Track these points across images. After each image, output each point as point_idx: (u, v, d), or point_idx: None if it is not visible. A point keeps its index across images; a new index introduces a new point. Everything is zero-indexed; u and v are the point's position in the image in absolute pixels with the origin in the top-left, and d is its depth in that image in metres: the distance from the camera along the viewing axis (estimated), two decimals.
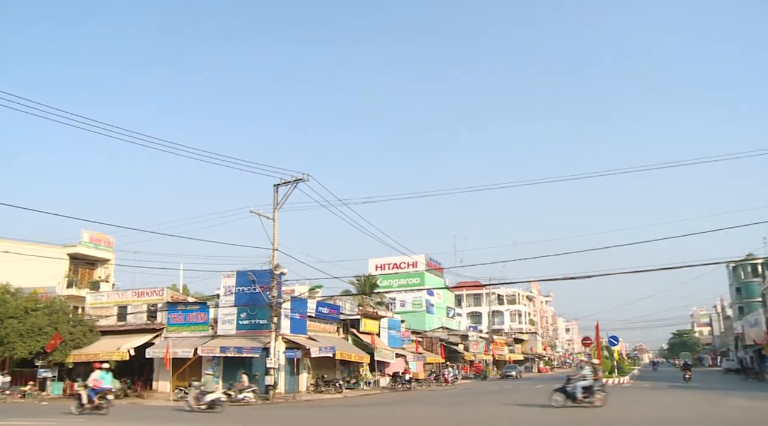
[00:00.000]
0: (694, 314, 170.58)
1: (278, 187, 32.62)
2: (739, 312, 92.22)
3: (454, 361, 64.60)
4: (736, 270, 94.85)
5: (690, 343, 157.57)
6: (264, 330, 32.89)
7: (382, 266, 77.62)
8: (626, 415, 18.96)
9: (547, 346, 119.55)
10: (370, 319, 45.26)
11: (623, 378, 45.75)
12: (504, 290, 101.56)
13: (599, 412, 18.91)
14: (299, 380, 35.64)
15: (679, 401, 24.90)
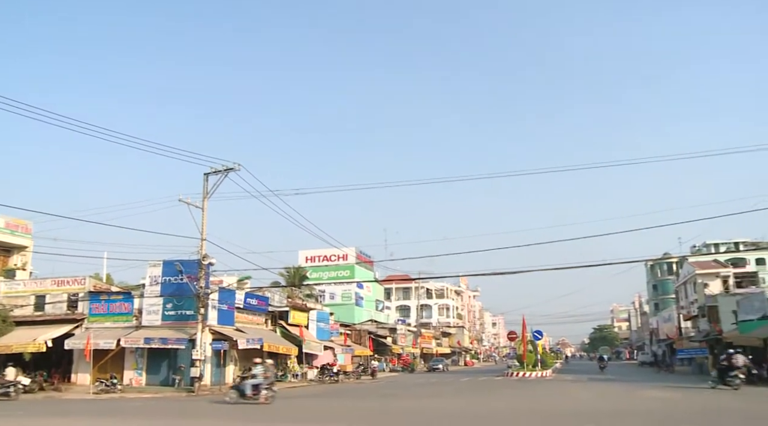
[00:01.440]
0: (614, 310, 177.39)
1: (208, 176, 32.10)
2: (654, 308, 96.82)
3: (382, 353, 65.19)
4: (653, 268, 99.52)
5: (609, 338, 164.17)
6: (190, 321, 32.33)
7: (312, 258, 77.39)
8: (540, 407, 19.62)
9: (474, 339, 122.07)
10: (299, 311, 45.11)
11: (546, 371, 47.25)
12: (433, 284, 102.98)
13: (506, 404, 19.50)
14: (226, 372, 35.20)
15: (595, 394, 25.98)
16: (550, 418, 16.00)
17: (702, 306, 56.67)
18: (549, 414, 17.10)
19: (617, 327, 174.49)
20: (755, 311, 41.42)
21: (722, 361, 30.30)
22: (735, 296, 49.38)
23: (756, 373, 33.16)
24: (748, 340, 36.94)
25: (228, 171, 31.65)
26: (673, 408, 18.60)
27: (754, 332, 37.12)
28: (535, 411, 18.11)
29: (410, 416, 17.47)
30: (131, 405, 23.42)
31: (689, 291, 67.86)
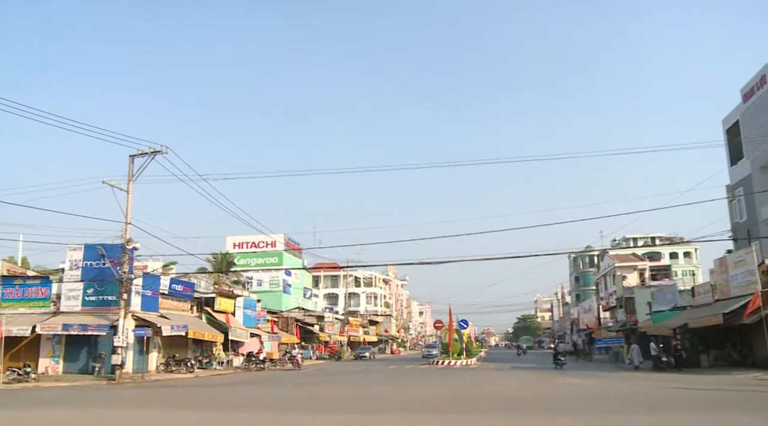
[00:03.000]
0: (538, 301, 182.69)
1: (134, 158, 31.00)
2: (576, 299, 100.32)
3: (309, 341, 64.95)
4: (576, 261, 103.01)
5: (533, 327, 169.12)
6: (113, 307, 31.32)
7: (240, 244, 76.27)
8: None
9: (401, 328, 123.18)
10: (225, 298, 44.39)
11: (471, 359, 48.20)
12: (361, 273, 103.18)
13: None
14: (149, 359, 34.29)
15: (517, 381, 26.63)
16: (475, 404, 16.30)
17: (620, 297, 59.08)
18: (474, 399, 17.42)
19: (540, 317, 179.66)
20: (667, 302, 43.57)
21: (555, 348, 33.11)
22: (650, 288, 51.82)
23: (665, 360, 34.95)
24: (660, 329, 38.76)
25: (155, 153, 30.67)
26: (588, 393, 19.27)
27: (666, 322, 39.02)
28: (461, 397, 18.41)
29: (337, 403, 17.45)
30: (46, 394, 22.43)
31: (609, 283, 70.65)
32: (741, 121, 43.03)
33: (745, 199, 42.35)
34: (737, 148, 43.72)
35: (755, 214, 40.12)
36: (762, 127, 39.63)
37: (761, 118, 39.80)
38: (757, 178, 40.42)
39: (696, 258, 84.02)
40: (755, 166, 40.76)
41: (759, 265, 30.85)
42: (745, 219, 42.20)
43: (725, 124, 46.18)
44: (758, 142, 39.92)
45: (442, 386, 24.02)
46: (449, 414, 14.52)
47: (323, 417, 14.50)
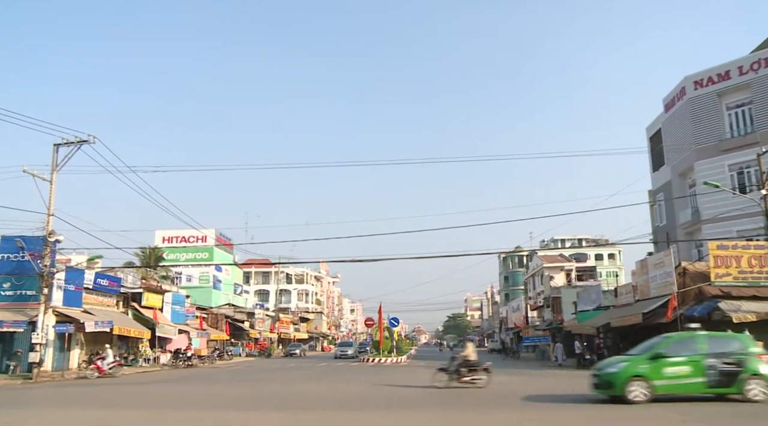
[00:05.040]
0: (468, 299, 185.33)
1: (59, 147, 29.73)
2: (505, 298, 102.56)
3: (239, 338, 64.07)
4: (506, 260, 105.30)
5: (462, 326, 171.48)
6: (32, 302, 30.05)
7: (169, 239, 74.51)
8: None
9: (332, 325, 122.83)
10: (153, 293, 43.27)
11: (401, 357, 48.54)
12: (293, 269, 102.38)
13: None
14: (70, 357, 33.09)
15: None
16: (411, 401, 16.47)
17: (547, 297, 60.76)
18: (403, 395, 17.60)
19: (470, 316, 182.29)
20: (592, 302, 45.06)
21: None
22: (576, 288, 53.46)
23: (588, 358, 36.22)
24: (584, 328, 40.03)
25: (81, 143, 29.50)
26: (515, 389, 19.78)
27: (590, 321, 40.32)
28: (390, 394, 18.55)
29: (267, 401, 17.28)
30: None
31: (537, 283, 72.50)
32: (663, 129, 44.97)
33: (665, 204, 44.31)
34: (659, 155, 45.69)
35: (674, 219, 42.02)
36: (681, 136, 41.53)
37: (681, 127, 41.72)
38: (676, 185, 42.36)
39: (620, 260, 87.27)
40: (675, 173, 42.68)
41: (676, 267, 32.27)
42: (664, 223, 44.14)
43: (649, 132, 48.18)
44: (678, 150, 41.82)
45: (375, 383, 24.13)
46: (378, 411, 14.61)
47: (253, 415, 14.34)
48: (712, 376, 14.07)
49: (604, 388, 15.05)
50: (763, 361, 14.40)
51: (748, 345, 14.85)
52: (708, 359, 14.19)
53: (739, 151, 37.04)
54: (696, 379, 14.16)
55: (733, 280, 29.78)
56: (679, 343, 15.36)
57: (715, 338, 15.71)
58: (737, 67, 38.48)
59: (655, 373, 14.33)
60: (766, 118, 36.87)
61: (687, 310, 30.06)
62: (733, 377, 14.03)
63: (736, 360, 14.19)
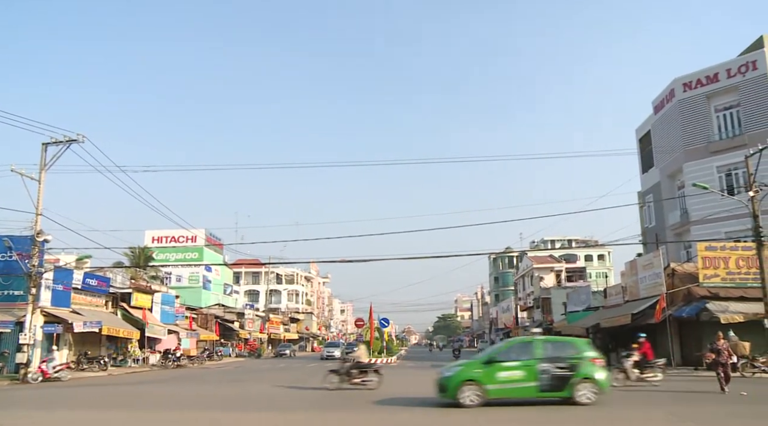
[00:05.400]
0: (458, 300, 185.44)
1: (47, 146, 29.47)
2: (495, 299, 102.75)
3: (229, 338, 63.87)
4: (496, 261, 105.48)
5: (453, 326, 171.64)
6: (20, 302, 29.71)
7: (159, 239, 74.18)
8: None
9: (322, 326, 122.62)
10: (142, 294, 43.04)
11: (391, 358, 48.55)
12: (283, 270, 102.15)
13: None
14: (58, 357, 32.77)
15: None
16: (402, 402, 16.50)
17: (537, 298, 60.96)
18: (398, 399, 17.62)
19: (460, 316, 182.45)
20: (581, 303, 45.26)
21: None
22: (566, 289, 53.69)
23: None
24: (574, 328, 40.23)
25: (70, 142, 29.23)
26: None
27: (579, 322, 40.55)
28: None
29: (257, 401, 17.25)
30: None
31: (527, 283, 72.72)
32: (652, 131, 45.25)
33: (654, 206, 44.58)
34: (649, 157, 45.98)
35: (663, 220, 42.27)
36: (670, 137, 41.82)
37: (670, 129, 42.00)
38: (666, 186, 42.62)
39: (609, 261, 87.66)
40: (664, 175, 42.95)
41: (665, 268, 32.51)
42: (654, 224, 44.40)
43: (638, 134, 48.47)
44: (667, 151, 42.09)
45: None
46: (364, 413, 14.61)
47: (243, 415, 14.30)
48: (545, 381, 14.20)
49: (441, 392, 15.14)
50: (596, 365, 14.59)
51: (583, 350, 15.00)
52: (541, 364, 14.33)
53: (728, 153, 37.34)
54: (528, 383, 14.29)
55: (721, 281, 30.04)
56: (516, 347, 15.68)
57: (552, 343, 16.07)
58: (725, 69, 38.79)
59: (487, 377, 14.43)
60: (754, 120, 37.18)
61: (675, 310, 30.30)
62: (565, 381, 14.19)
63: (569, 364, 14.36)
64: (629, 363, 19.88)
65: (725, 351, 17.94)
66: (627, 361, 20.07)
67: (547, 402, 14.85)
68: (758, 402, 15.60)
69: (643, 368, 19.85)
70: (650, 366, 20.02)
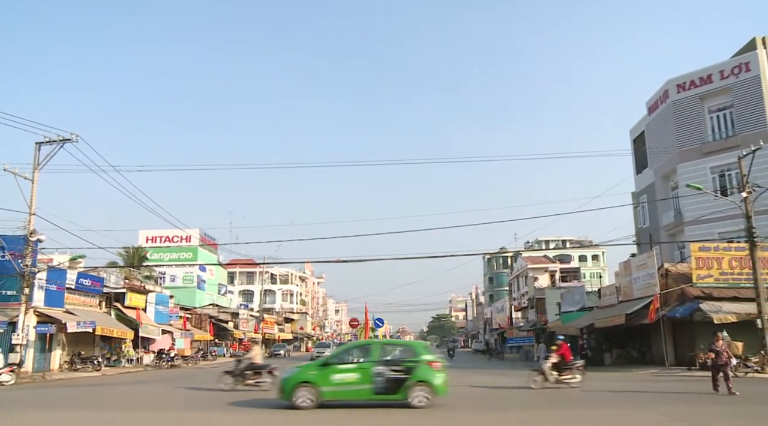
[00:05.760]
0: (453, 300, 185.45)
1: (41, 145, 29.41)
2: (490, 299, 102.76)
3: (223, 338, 63.79)
4: (490, 261, 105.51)
5: (447, 327, 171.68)
6: (12, 302, 29.61)
7: (153, 239, 74.07)
8: None
9: (317, 326, 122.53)
10: (136, 294, 42.92)
11: None
12: (278, 270, 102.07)
13: None
14: (51, 358, 32.69)
15: None
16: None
17: (531, 298, 61.01)
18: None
19: (455, 316, 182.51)
20: (575, 303, 45.33)
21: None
22: (560, 289, 53.77)
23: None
24: (568, 329, 40.24)
25: (64, 141, 29.18)
26: (500, 391, 19.87)
27: (573, 322, 40.58)
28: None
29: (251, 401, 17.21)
30: None
31: (521, 284, 72.82)
32: (646, 132, 45.38)
33: (648, 206, 44.71)
34: (642, 158, 46.11)
35: (657, 220, 42.40)
36: (664, 138, 41.96)
37: (664, 130, 42.14)
38: (659, 187, 42.76)
39: (603, 261, 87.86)
40: (658, 175, 43.09)
41: (659, 269, 32.60)
42: (647, 225, 44.53)
43: (632, 135, 48.62)
44: (661, 152, 42.23)
45: None
46: (367, 413, 14.59)
47: (236, 416, 14.27)
48: (379, 383, 14.25)
49: (279, 393, 15.18)
50: (432, 368, 14.58)
51: (421, 353, 15.02)
52: (377, 367, 14.39)
53: (721, 154, 37.49)
54: (363, 385, 14.36)
55: (714, 281, 30.15)
56: (353, 350, 15.85)
57: (390, 346, 16.15)
58: (719, 71, 38.94)
59: (323, 379, 14.51)
60: (747, 121, 37.33)
61: (669, 311, 30.39)
62: (399, 384, 14.24)
63: (404, 367, 14.39)
64: (547, 365, 19.81)
65: (724, 352, 17.69)
66: (545, 363, 20.07)
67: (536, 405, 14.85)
68: (751, 402, 15.65)
69: (562, 370, 19.74)
70: (569, 368, 19.90)
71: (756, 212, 27.24)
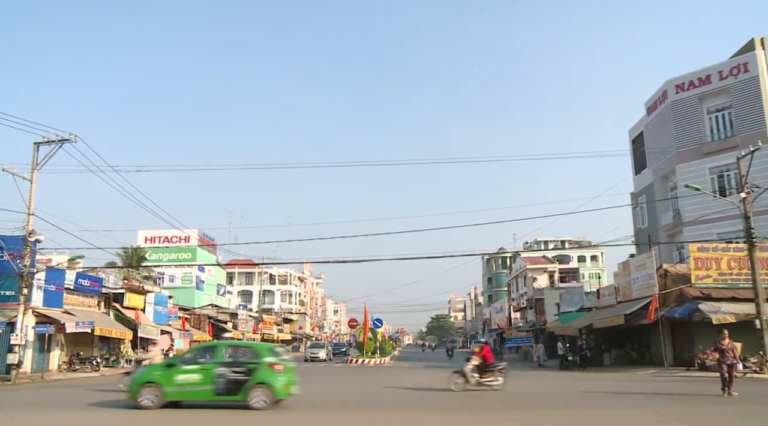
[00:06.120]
0: (452, 300, 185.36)
1: (39, 145, 29.35)
2: (488, 300, 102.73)
3: (222, 339, 63.66)
4: (489, 262, 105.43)
5: (446, 327, 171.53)
6: (11, 302, 29.55)
7: (152, 239, 73.95)
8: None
9: (316, 326, 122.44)
10: (135, 294, 42.89)
11: (385, 358, 48.49)
12: (276, 270, 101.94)
13: None
14: (50, 358, 32.63)
15: (428, 379, 27.01)
16: (397, 401, 16.50)
17: (530, 298, 60.97)
18: (395, 397, 17.63)
19: (454, 317, 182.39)
20: (574, 304, 45.33)
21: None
22: (559, 290, 53.76)
23: (571, 359, 36.48)
24: (567, 329, 40.29)
25: (62, 142, 29.10)
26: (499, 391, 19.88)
27: (572, 323, 40.58)
28: (378, 394, 18.56)
29: None
30: None
31: (520, 284, 72.78)
32: (645, 132, 45.40)
33: (647, 207, 44.73)
34: (641, 158, 46.13)
35: (656, 221, 42.42)
36: (663, 139, 41.98)
37: (662, 130, 42.16)
38: (658, 187, 42.78)
39: (602, 261, 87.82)
40: (657, 176, 43.11)
41: (657, 269, 32.62)
42: (646, 225, 44.54)
43: (631, 135, 48.63)
44: (659, 153, 42.25)
45: (362, 383, 24.15)
46: (362, 413, 14.59)
47: (234, 417, 14.25)
48: (221, 384, 14.51)
49: (127, 392, 15.37)
50: (273, 370, 14.79)
51: (264, 355, 15.20)
52: (219, 368, 14.66)
53: (720, 154, 37.51)
54: (205, 386, 14.64)
55: (713, 281, 30.16)
56: (199, 351, 16.19)
57: (235, 348, 16.43)
58: (717, 71, 38.96)
59: (166, 379, 14.76)
60: (745, 122, 37.36)
61: (668, 311, 30.40)
62: (240, 385, 14.49)
63: (245, 369, 14.64)
64: (469, 367, 19.77)
65: (730, 351, 17.16)
66: (467, 366, 20.05)
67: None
68: (750, 402, 15.66)
69: (483, 372, 19.72)
70: (490, 370, 19.87)
71: (755, 213, 27.25)
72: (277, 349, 16.62)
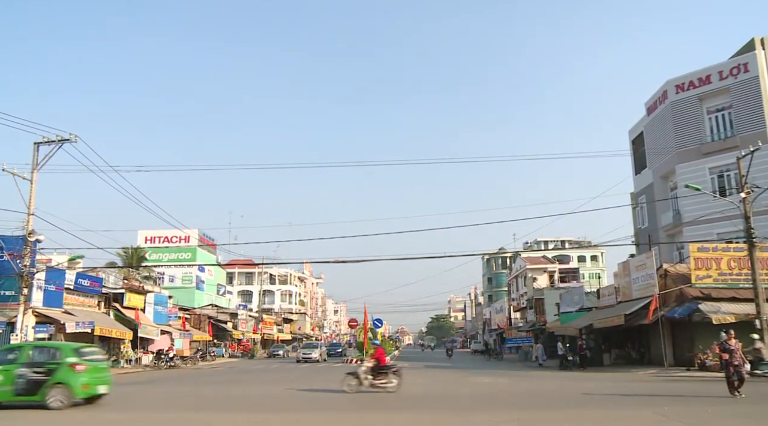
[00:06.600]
0: (452, 300, 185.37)
1: (39, 145, 29.34)
2: (488, 300, 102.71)
3: (222, 339, 63.74)
4: (489, 262, 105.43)
5: (446, 327, 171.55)
6: (11, 302, 29.62)
7: (152, 239, 73.99)
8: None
9: (316, 326, 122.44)
10: (135, 294, 42.92)
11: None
12: (276, 270, 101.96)
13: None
14: None
15: (429, 379, 27.06)
16: (399, 403, 16.48)
17: (530, 298, 60.98)
18: (399, 398, 17.61)
19: (454, 317, 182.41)
20: (574, 304, 45.33)
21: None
22: (559, 290, 53.76)
23: (571, 359, 36.46)
24: (567, 329, 40.25)
25: (62, 142, 29.08)
26: (499, 391, 19.87)
27: (572, 322, 40.57)
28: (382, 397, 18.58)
29: (249, 401, 17.24)
30: None
31: (520, 284, 72.77)
32: (645, 132, 45.39)
33: (647, 207, 44.72)
34: (641, 158, 46.12)
35: (656, 221, 42.41)
36: (663, 139, 41.97)
37: (662, 130, 42.15)
38: (658, 187, 42.77)
39: (602, 261, 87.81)
40: (657, 176, 43.11)
41: (657, 269, 32.61)
42: (646, 225, 44.54)
43: (631, 135, 48.62)
44: (659, 153, 42.24)
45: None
46: (357, 412, 14.60)
47: (235, 416, 14.27)
48: (21, 385, 14.60)
49: None
50: (74, 370, 14.86)
51: (66, 355, 15.29)
52: (21, 368, 14.71)
53: (720, 154, 37.51)
54: (5, 387, 14.79)
55: (713, 281, 30.15)
56: (6, 352, 16.30)
57: (38, 348, 16.46)
58: (717, 71, 38.95)
59: None
60: (745, 122, 37.35)
61: (668, 311, 30.39)
62: (39, 385, 14.57)
63: (46, 369, 14.70)
64: (363, 369, 19.71)
65: (737, 351, 16.59)
66: (361, 367, 20.01)
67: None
68: (750, 402, 15.65)
69: (377, 374, 19.61)
70: (384, 372, 19.77)
71: (755, 213, 27.25)
72: (84, 349, 16.63)
